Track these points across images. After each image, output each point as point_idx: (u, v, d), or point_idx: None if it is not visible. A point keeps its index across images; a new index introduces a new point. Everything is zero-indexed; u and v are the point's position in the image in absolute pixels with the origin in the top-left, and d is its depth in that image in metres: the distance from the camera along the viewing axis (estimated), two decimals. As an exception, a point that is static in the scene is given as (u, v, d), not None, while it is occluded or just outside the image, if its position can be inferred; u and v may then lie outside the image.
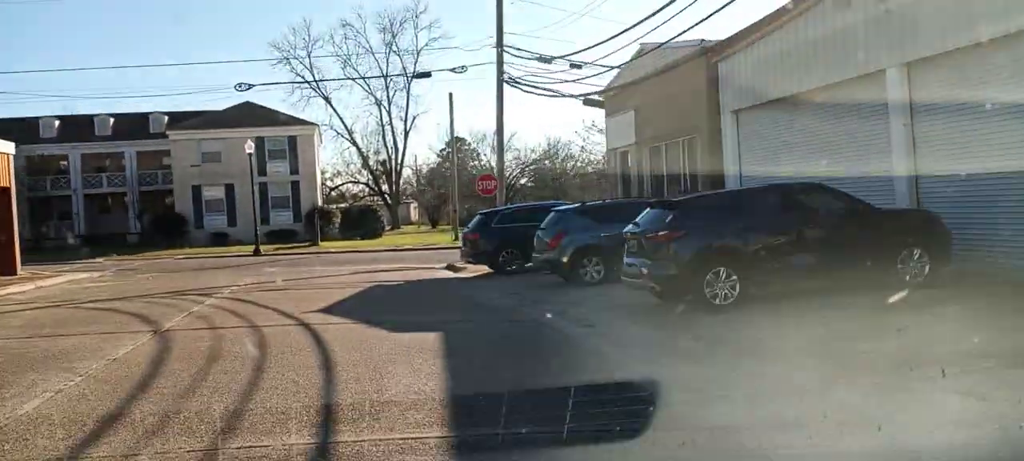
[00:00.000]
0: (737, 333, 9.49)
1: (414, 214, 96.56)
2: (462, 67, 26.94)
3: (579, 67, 26.48)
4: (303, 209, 47.74)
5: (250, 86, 25.71)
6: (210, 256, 37.06)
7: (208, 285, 20.25)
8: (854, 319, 9.51)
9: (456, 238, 42.29)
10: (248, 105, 50.51)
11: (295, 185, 48.51)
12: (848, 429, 5.49)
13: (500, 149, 27.95)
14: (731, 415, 6.04)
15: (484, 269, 20.71)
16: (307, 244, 42.35)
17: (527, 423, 5.65)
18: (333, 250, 38.06)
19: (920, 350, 7.65)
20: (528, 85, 26.99)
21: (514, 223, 19.66)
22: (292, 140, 48.40)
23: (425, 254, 33.05)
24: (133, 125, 53.89)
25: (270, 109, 50.74)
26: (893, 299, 9.99)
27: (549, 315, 12.47)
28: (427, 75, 28.14)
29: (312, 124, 52.01)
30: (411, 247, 38.62)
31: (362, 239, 47.46)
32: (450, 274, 22.26)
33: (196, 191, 47.82)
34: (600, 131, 48.63)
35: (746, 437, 5.40)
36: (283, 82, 66.64)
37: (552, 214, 17.28)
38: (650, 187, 23.83)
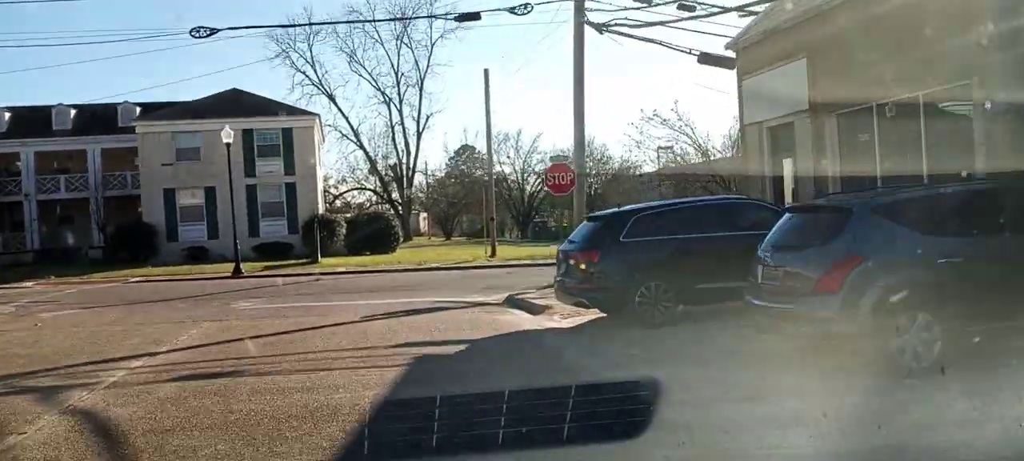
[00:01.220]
0: None
1: (423, 225, 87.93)
2: (525, 6, 18.07)
3: (692, 9, 17.89)
4: (301, 218, 38.99)
5: (212, 31, 16.74)
6: (178, 278, 28.33)
7: (114, 351, 11.36)
8: None
9: (492, 253, 33.51)
10: (235, 93, 42.06)
11: (290, 189, 39.78)
12: None
13: (579, 115, 19.19)
14: None
15: (587, 314, 12.04)
16: (304, 261, 33.56)
17: None
18: (338, 269, 29.26)
19: None
20: (621, 29, 18.27)
21: (669, 234, 10.90)
22: (287, 134, 39.73)
23: (460, 277, 24.25)
24: (99, 118, 45.29)
25: (261, 97, 42.19)
26: None
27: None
28: (475, 17, 18.26)
29: (311, 115, 43.30)
30: (438, 265, 29.80)
31: (372, 254, 38.70)
32: (529, 319, 13.47)
33: (169, 196, 39.09)
34: (660, 123, 39.94)
35: None
36: (269, 62, 58.19)
37: (797, 214, 8.66)
38: (838, 178, 14.94)
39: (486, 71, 32.99)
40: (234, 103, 40.30)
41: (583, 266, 11.08)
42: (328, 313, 15.00)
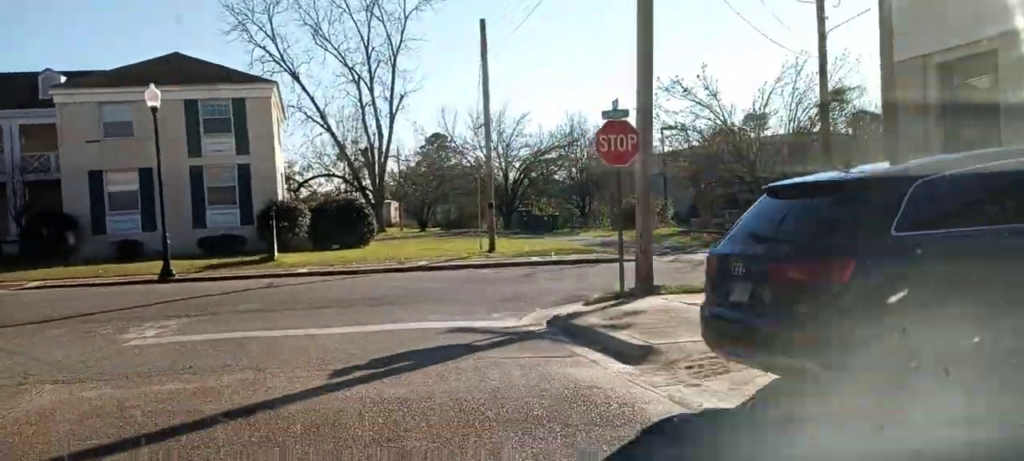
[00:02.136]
0: None
1: (395, 215, 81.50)
2: None
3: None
4: (256, 206, 32.60)
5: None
6: (91, 281, 22.05)
7: None
8: None
9: (490, 248, 27.48)
10: (175, 57, 35.52)
11: (244, 171, 33.32)
12: None
13: (645, 56, 13.34)
14: None
15: (746, 370, 6.29)
16: (259, 258, 27.26)
17: None
18: (299, 268, 23.04)
19: None
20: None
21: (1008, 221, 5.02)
22: (239, 106, 33.23)
23: (460, 281, 18.26)
24: (16, 89, 38.33)
25: (207, 62, 35.57)
26: None
27: None
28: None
29: (268, 82, 36.73)
30: (425, 263, 23.69)
31: (342, 248, 32.47)
32: (637, 379, 7.47)
33: (95, 180, 32.45)
34: (682, 94, 34.14)
35: None
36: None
37: None
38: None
39: (482, 22, 27.08)
40: (175, 69, 33.73)
41: (806, 293, 5.13)
42: (269, 359, 8.90)
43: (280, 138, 41.59)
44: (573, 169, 59.13)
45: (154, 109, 22.55)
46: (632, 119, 13.64)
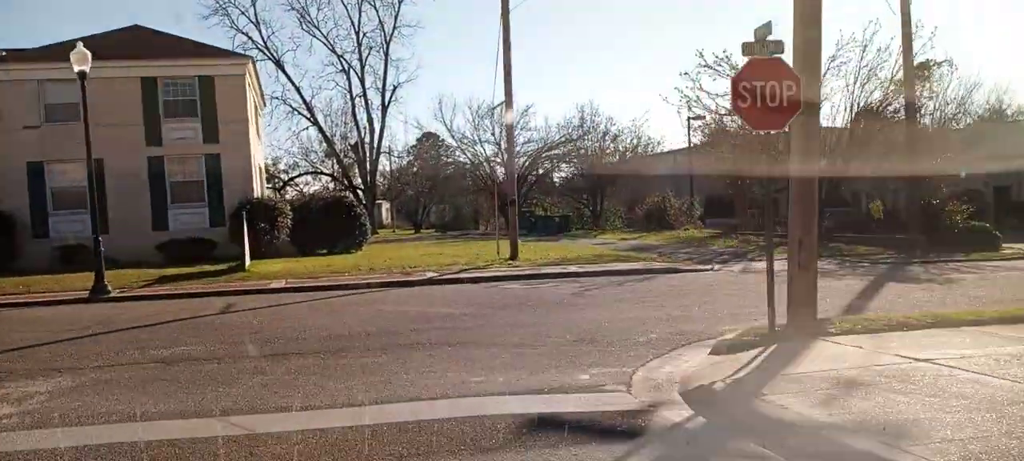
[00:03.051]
0: None
1: (386, 216, 76.36)
2: None
3: None
4: (228, 204, 27.45)
5: None
6: (2, 300, 16.90)
7: None
8: None
9: (513, 255, 22.51)
10: (134, 29, 30.36)
11: (213, 163, 28.15)
12: None
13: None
14: None
15: None
16: (228, 266, 22.18)
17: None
18: (274, 282, 17.98)
19: None
20: None
21: None
22: (207, 85, 28.06)
23: (495, 298, 13.16)
24: (-49, 69, 32.90)
25: (169, 34, 30.35)
26: None
27: None
28: None
29: (242, 58, 31.56)
30: (435, 274, 18.60)
31: (331, 254, 27.41)
32: None
33: (35, 172, 27.23)
34: (730, 72, 29.22)
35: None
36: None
37: None
38: None
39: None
40: (131, 43, 28.61)
41: None
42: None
43: (258, 127, 36.44)
44: (583, 165, 54.05)
45: (82, 76, 17.45)
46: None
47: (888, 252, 23.34)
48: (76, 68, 17.31)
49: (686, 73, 34.95)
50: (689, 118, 43.67)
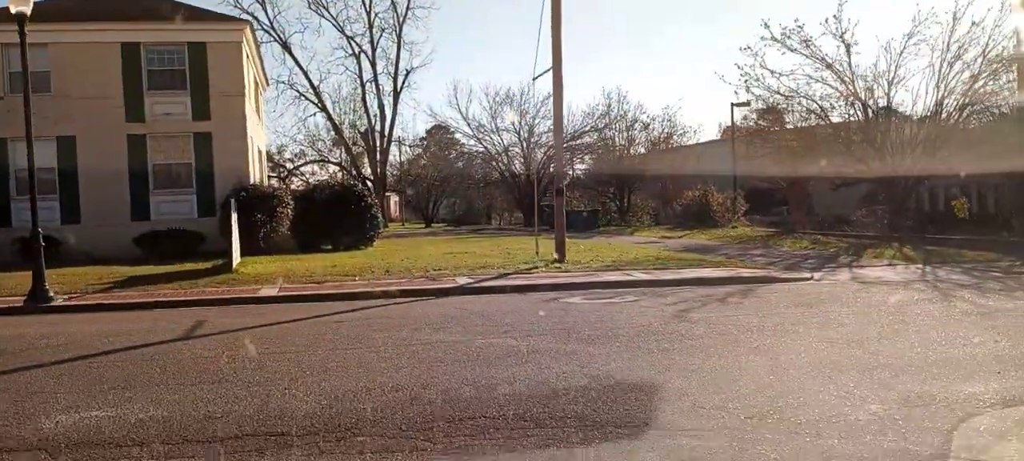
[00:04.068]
0: None
1: (394, 209, 72.52)
2: None
3: None
4: (220, 192, 23.61)
5: None
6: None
7: None
8: None
9: (561, 256, 18.60)
10: (115, -12, 26.45)
11: (203, 143, 24.35)
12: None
13: None
14: None
15: None
16: (212, 265, 18.38)
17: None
18: (265, 289, 14.20)
19: None
20: None
21: None
22: (197, 54, 24.24)
23: (590, 334, 9.16)
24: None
25: (155, -6, 26.47)
26: None
27: None
28: None
29: (238, 22, 27.72)
30: (474, 282, 14.66)
31: (337, 250, 23.62)
32: None
33: (-4, 151, 23.54)
34: (800, 45, 25.47)
35: None
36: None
37: None
38: None
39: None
40: (110, 2, 24.81)
41: None
42: None
43: (259, 106, 32.61)
44: (610, 156, 50.06)
45: (21, 19, 13.58)
46: None
47: (1004, 257, 19.34)
48: (14, 9, 13.43)
49: (748, 47, 30.80)
50: (733, 104, 39.89)
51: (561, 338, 8.72)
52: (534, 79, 17.57)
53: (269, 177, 44.35)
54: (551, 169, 53.12)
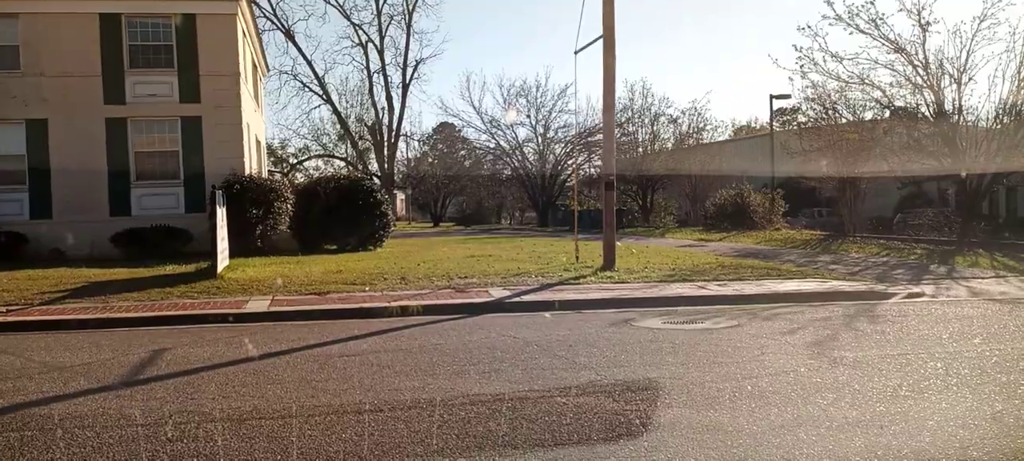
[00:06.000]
0: None
1: (401, 207, 69.76)
2: None
3: None
4: (209, 183, 20.76)
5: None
6: None
7: None
8: None
9: (610, 263, 15.69)
10: (96, -45, 23.62)
11: (192, 129, 21.57)
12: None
13: None
14: None
15: None
16: (195, 269, 15.55)
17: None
18: (253, 304, 11.34)
19: None
20: None
21: None
22: (186, 27, 21.44)
23: (754, 411, 6.18)
24: None
25: (142, -39, 23.63)
26: None
27: None
28: None
29: (232, -7, 24.92)
30: (513, 295, 11.79)
31: (342, 251, 20.84)
32: None
33: (-43, 136, 20.76)
34: (869, 24, 22.56)
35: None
36: None
37: None
38: None
39: None
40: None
41: None
42: None
43: (257, 91, 29.80)
44: (633, 153, 47.19)
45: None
46: None
47: None
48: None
49: (808, 26, 27.84)
50: (772, 96, 36.96)
51: (682, 396, 5.84)
52: (577, 52, 14.69)
53: (271, 172, 41.57)
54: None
